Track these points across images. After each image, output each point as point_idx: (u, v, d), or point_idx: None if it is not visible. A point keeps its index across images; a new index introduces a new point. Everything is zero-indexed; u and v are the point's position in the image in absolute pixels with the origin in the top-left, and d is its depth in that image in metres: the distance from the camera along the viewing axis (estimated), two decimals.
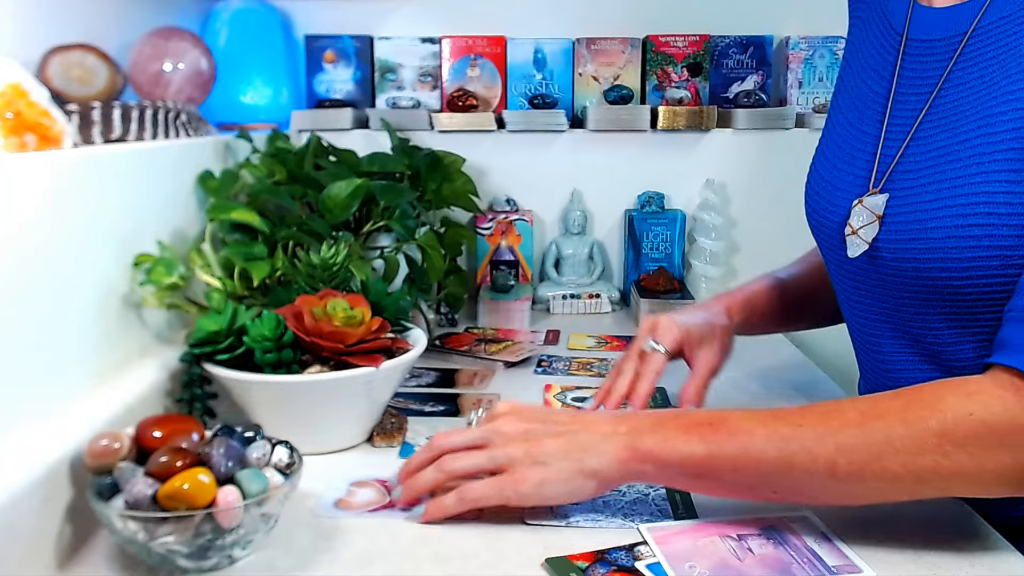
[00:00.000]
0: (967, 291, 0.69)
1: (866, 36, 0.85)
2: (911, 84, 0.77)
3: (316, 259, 0.90)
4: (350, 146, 1.26)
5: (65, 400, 0.72)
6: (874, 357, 0.82)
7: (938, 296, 0.71)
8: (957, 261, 0.68)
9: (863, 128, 0.80)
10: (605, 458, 0.67)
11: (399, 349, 0.86)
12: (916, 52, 0.77)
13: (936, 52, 0.75)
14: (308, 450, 0.73)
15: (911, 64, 0.77)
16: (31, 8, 0.91)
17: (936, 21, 0.76)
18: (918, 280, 0.72)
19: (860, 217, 0.75)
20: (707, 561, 0.64)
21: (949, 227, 0.68)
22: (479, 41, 1.49)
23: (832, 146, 0.85)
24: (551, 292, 1.45)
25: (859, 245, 0.75)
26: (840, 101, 0.87)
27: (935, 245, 0.69)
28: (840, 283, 0.83)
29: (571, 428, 0.69)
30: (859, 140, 0.80)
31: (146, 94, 1.06)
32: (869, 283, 0.77)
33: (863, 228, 0.75)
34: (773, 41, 1.51)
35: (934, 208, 0.69)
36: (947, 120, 0.72)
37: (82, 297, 0.76)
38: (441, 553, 0.66)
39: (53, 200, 0.71)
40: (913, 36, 0.78)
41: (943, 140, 0.71)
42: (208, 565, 0.63)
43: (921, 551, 0.66)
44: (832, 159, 0.83)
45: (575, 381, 1.07)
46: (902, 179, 0.74)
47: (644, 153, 1.49)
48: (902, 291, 0.74)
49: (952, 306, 0.71)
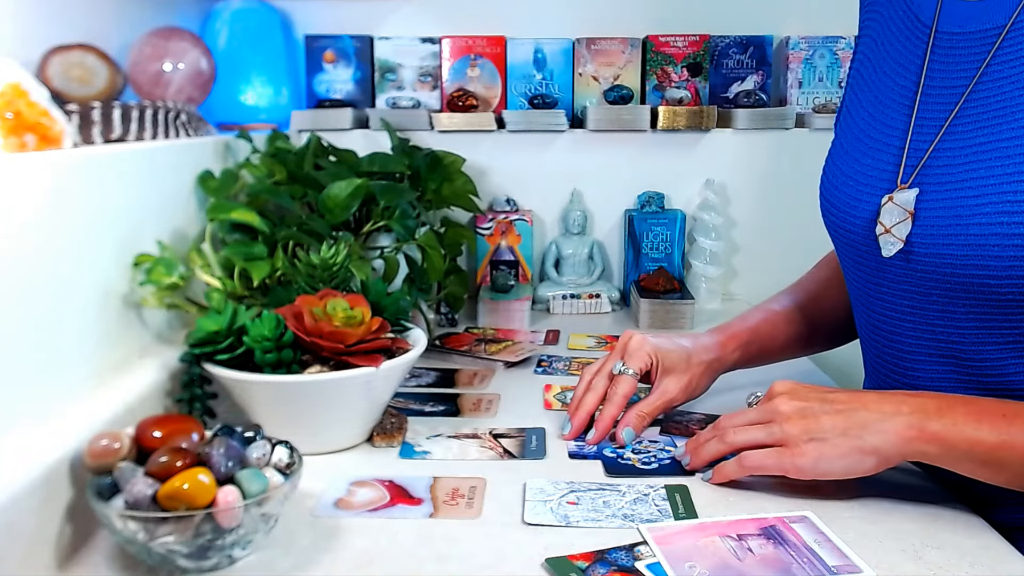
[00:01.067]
0: (1003, 290, 0.68)
1: (887, 30, 0.83)
2: (943, 77, 0.75)
3: (316, 259, 0.90)
4: (350, 146, 1.26)
5: (65, 400, 0.72)
6: (891, 357, 0.80)
7: (970, 295, 0.70)
8: (998, 260, 0.67)
9: (888, 123, 0.79)
10: (887, 436, 0.68)
11: (399, 349, 0.86)
12: (948, 45, 0.75)
13: (971, 45, 0.73)
14: (308, 450, 0.73)
15: (942, 57, 0.75)
16: (31, 8, 0.91)
17: (970, 13, 0.74)
18: (952, 277, 0.71)
19: (892, 215, 0.74)
20: (707, 561, 0.64)
21: (993, 223, 0.67)
22: (479, 41, 1.49)
23: (853, 141, 0.83)
24: (551, 292, 1.45)
25: (894, 244, 0.73)
26: (859, 96, 0.85)
27: (975, 242, 0.68)
28: (861, 282, 0.81)
29: (850, 406, 0.70)
30: (884, 135, 0.79)
31: (146, 94, 1.06)
32: (896, 282, 0.76)
33: (896, 226, 0.73)
34: (773, 41, 1.51)
35: (976, 204, 0.68)
36: (988, 115, 0.70)
37: (82, 297, 0.76)
38: (441, 553, 0.66)
39: (53, 200, 0.71)
40: (944, 29, 0.76)
41: (985, 136, 0.70)
42: (208, 565, 0.63)
43: (921, 551, 0.66)
44: (854, 154, 0.81)
45: (575, 381, 1.07)
46: (935, 174, 0.72)
47: (644, 153, 1.49)
48: (931, 289, 0.73)
49: (983, 306, 0.70)
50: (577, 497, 0.75)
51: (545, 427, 0.91)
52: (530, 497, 0.75)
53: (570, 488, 0.76)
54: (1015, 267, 0.67)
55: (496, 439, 0.88)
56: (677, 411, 0.95)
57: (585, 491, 0.76)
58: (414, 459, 0.84)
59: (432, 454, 0.85)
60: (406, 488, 0.77)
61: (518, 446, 0.87)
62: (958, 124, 0.72)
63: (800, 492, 0.74)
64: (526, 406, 0.98)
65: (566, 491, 0.76)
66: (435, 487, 0.77)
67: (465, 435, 0.89)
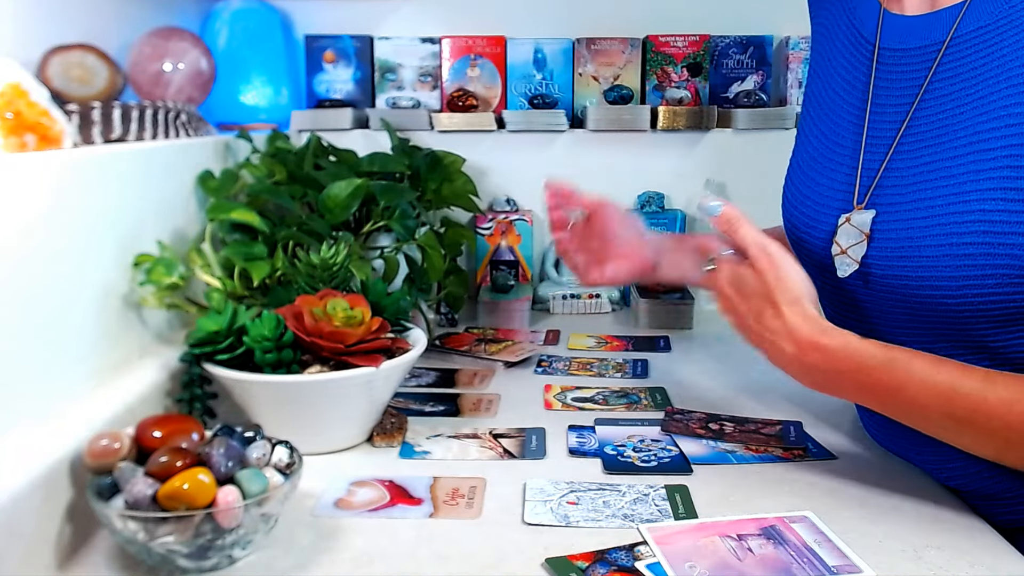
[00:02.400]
0: (961, 310, 0.67)
1: (833, 45, 0.83)
2: (888, 94, 0.75)
3: (316, 259, 0.90)
4: (350, 146, 1.26)
5: (65, 400, 0.72)
6: None
7: (929, 314, 0.70)
8: (952, 280, 0.67)
9: (839, 140, 0.79)
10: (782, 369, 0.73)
11: (399, 349, 0.86)
12: (890, 61, 0.75)
13: (912, 61, 0.73)
14: (308, 450, 0.73)
15: (886, 74, 0.75)
16: (31, 8, 0.91)
17: (909, 29, 0.74)
18: (910, 298, 0.70)
19: (848, 236, 0.74)
20: (707, 561, 0.64)
21: (944, 245, 0.67)
22: (479, 41, 1.49)
23: (807, 159, 0.82)
24: (551, 292, 1.45)
25: (849, 264, 0.73)
26: (811, 112, 0.84)
27: (928, 263, 0.68)
28: (827, 299, 0.81)
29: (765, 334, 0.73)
30: (836, 153, 0.79)
31: (146, 94, 1.06)
32: (857, 300, 0.76)
33: (852, 247, 0.73)
34: (773, 41, 1.51)
35: (926, 226, 0.68)
36: (933, 133, 0.70)
37: (82, 297, 0.76)
38: (441, 553, 0.66)
39: (53, 200, 0.71)
40: (886, 45, 0.76)
41: (931, 155, 0.70)
42: (208, 565, 0.63)
43: (921, 551, 0.66)
44: (809, 172, 0.81)
45: (575, 381, 1.07)
46: (888, 194, 0.72)
47: (644, 153, 1.49)
48: (891, 307, 0.73)
49: (943, 324, 0.70)
50: (577, 497, 0.75)
51: (545, 427, 0.91)
52: (530, 497, 0.75)
53: (570, 488, 0.77)
54: (968, 287, 0.66)
55: (496, 439, 0.88)
56: (677, 410, 0.95)
57: (585, 491, 0.76)
58: (414, 459, 0.84)
59: (432, 454, 0.85)
60: (406, 488, 0.77)
61: (518, 446, 0.87)
62: (905, 143, 0.72)
63: (800, 492, 0.74)
64: (526, 406, 0.98)
65: (566, 491, 0.76)
66: (435, 487, 0.77)
67: (465, 435, 0.90)
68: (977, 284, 0.66)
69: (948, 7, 0.72)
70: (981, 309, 0.67)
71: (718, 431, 0.89)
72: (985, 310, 0.67)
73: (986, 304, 0.66)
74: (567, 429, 0.90)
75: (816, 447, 0.86)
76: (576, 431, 0.90)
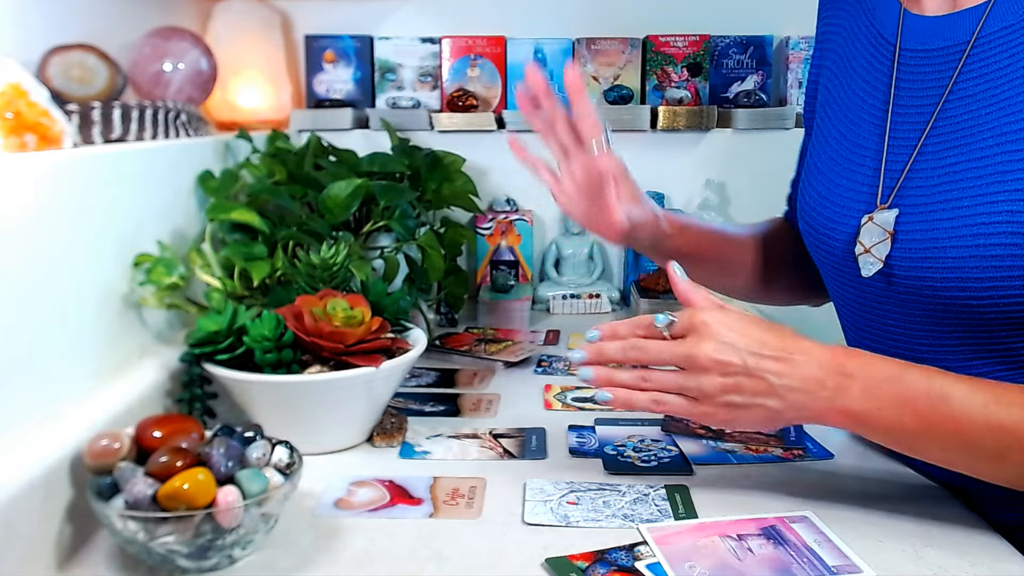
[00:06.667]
0: (986, 311, 0.67)
1: (852, 46, 0.82)
2: (911, 95, 0.74)
3: (316, 259, 0.90)
4: (350, 146, 1.26)
5: (65, 400, 0.72)
6: None
7: (953, 316, 0.69)
8: (978, 281, 0.66)
9: (861, 142, 0.78)
10: (803, 413, 0.66)
11: (399, 349, 0.86)
12: (912, 62, 0.75)
13: (935, 62, 0.73)
14: (308, 450, 0.73)
15: (908, 75, 0.75)
16: (31, 8, 0.91)
17: (932, 30, 0.74)
18: (933, 299, 0.70)
19: (871, 235, 0.73)
20: (707, 561, 0.64)
21: (970, 246, 0.66)
22: (479, 41, 1.49)
23: (827, 161, 0.82)
24: (551, 292, 1.45)
25: (873, 264, 0.72)
26: (828, 113, 0.84)
27: (954, 264, 0.67)
28: (844, 300, 0.81)
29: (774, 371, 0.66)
30: (857, 155, 0.78)
31: (146, 94, 1.06)
32: (879, 302, 0.75)
33: (875, 246, 0.72)
34: (773, 41, 1.51)
35: (952, 227, 0.68)
36: (958, 134, 0.70)
37: (82, 297, 0.76)
38: (441, 553, 0.66)
39: (53, 200, 0.71)
40: (907, 46, 0.76)
41: (956, 156, 0.69)
42: (208, 565, 0.63)
43: (921, 551, 0.66)
44: (829, 175, 0.81)
45: (575, 381, 1.07)
46: (913, 194, 0.72)
47: (644, 153, 1.49)
48: (914, 309, 0.72)
49: (967, 326, 0.69)
50: (577, 497, 0.75)
51: (545, 427, 0.91)
52: (530, 497, 0.75)
53: (570, 488, 0.76)
54: (995, 288, 0.66)
55: (496, 439, 0.88)
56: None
57: (585, 491, 0.76)
58: (414, 459, 0.84)
59: (432, 454, 0.85)
60: (406, 488, 0.77)
61: (518, 446, 0.87)
62: (929, 144, 0.72)
63: (800, 492, 0.74)
64: (526, 406, 0.98)
65: (566, 491, 0.76)
66: (435, 487, 0.77)
67: (465, 435, 0.90)
68: (1004, 285, 0.66)
69: (971, 7, 0.71)
70: (1006, 311, 0.66)
71: (718, 431, 0.89)
72: (1010, 312, 0.66)
73: (1011, 306, 0.66)
74: (567, 429, 0.90)
75: (816, 447, 0.86)
76: (576, 431, 0.90)
